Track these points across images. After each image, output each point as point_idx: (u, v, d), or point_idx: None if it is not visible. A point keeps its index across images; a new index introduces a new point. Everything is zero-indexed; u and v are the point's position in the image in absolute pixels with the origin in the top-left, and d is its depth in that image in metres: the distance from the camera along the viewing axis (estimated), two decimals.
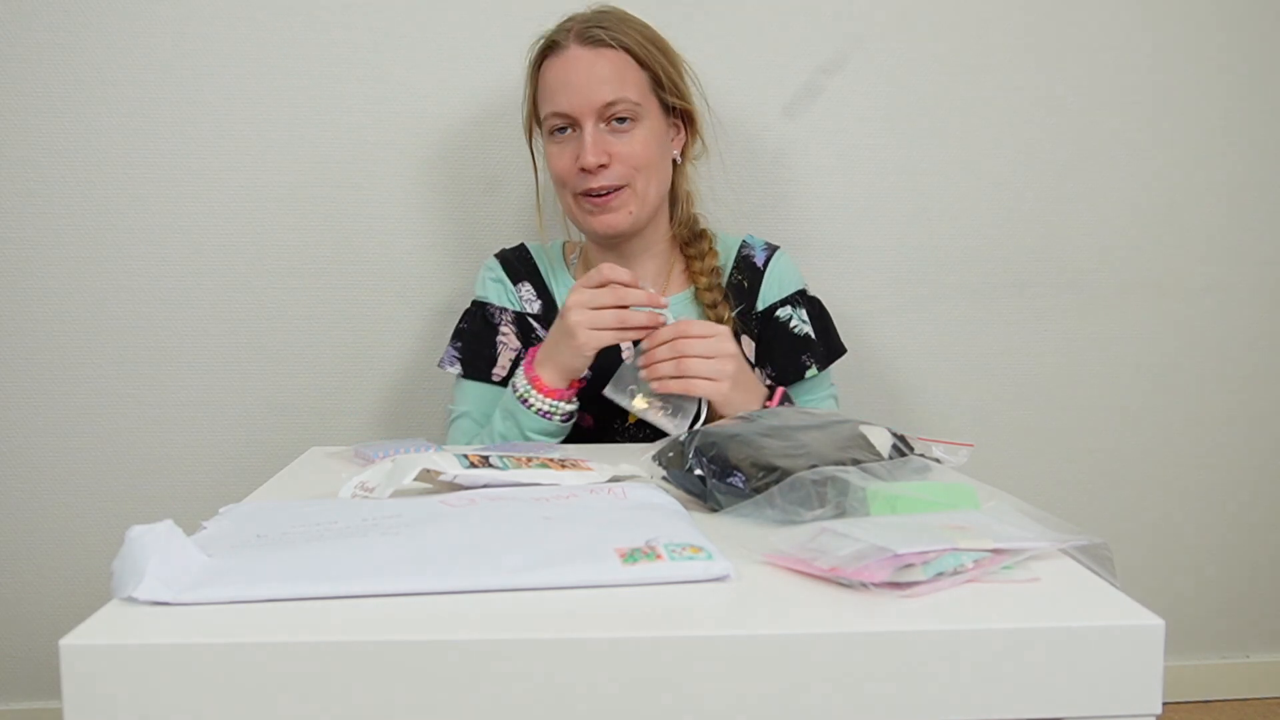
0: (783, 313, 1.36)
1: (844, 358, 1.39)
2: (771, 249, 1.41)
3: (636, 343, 1.22)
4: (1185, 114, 1.70)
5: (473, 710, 0.58)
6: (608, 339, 1.15)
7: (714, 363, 1.11)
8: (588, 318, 1.14)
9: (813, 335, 1.36)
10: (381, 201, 1.63)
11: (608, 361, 1.24)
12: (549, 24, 1.33)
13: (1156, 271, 1.73)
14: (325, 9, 1.59)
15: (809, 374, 1.35)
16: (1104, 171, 1.70)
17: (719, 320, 1.32)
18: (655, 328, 1.15)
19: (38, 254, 1.60)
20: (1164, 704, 0.61)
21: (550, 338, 1.20)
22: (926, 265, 1.70)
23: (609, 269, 1.15)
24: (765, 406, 1.15)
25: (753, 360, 1.37)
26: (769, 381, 1.35)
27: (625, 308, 1.15)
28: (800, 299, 1.39)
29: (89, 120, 1.58)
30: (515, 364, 1.34)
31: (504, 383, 1.34)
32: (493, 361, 1.35)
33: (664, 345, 1.13)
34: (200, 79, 1.58)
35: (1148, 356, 1.75)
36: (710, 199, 1.62)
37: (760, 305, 1.37)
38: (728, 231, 1.47)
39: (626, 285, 1.15)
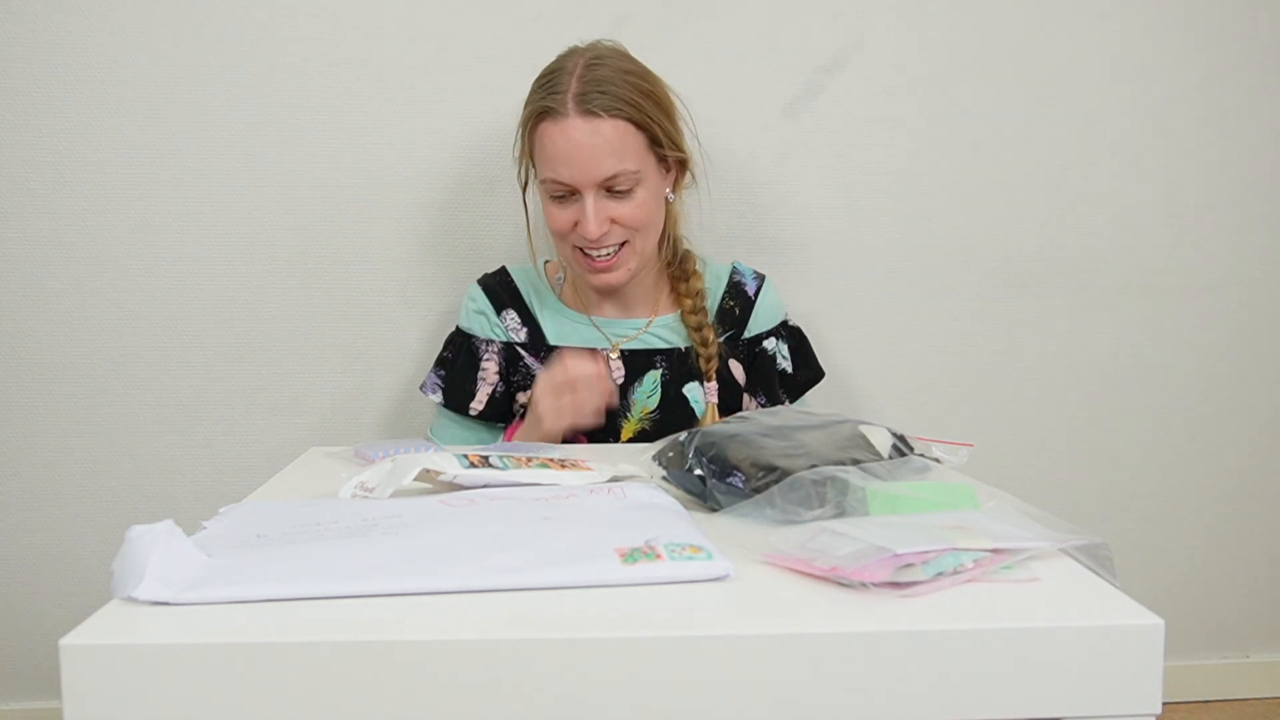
0: (769, 344, 1.42)
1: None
2: (760, 278, 1.45)
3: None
4: (1185, 114, 1.70)
5: (472, 710, 0.58)
6: (568, 422, 1.25)
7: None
8: (553, 407, 1.24)
9: (789, 370, 1.43)
10: (382, 202, 1.62)
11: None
12: (546, 38, 1.32)
13: (1156, 271, 1.73)
14: (327, 12, 1.59)
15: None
16: (1104, 171, 1.70)
17: (704, 343, 1.36)
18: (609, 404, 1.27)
19: (37, 254, 1.60)
20: (1164, 704, 0.61)
21: (526, 422, 1.31)
22: (926, 265, 1.70)
23: (572, 364, 1.23)
24: None
25: (743, 384, 1.40)
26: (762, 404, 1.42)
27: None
28: (783, 330, 1.44)
29: (89, 120, 1.58)
30: (491, 399, 1.38)
31: (480, 417, 1.38)
32: (471, 396, 1.37)
33: None
34: (202, 80, 1.58)
35: (1147, 356, 1.75)
36: (709, 201, 1.62)
37: (749, 333, 1.41)
38: (714, 258, 1.49)
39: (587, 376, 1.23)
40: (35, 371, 1.62)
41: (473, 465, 0.88)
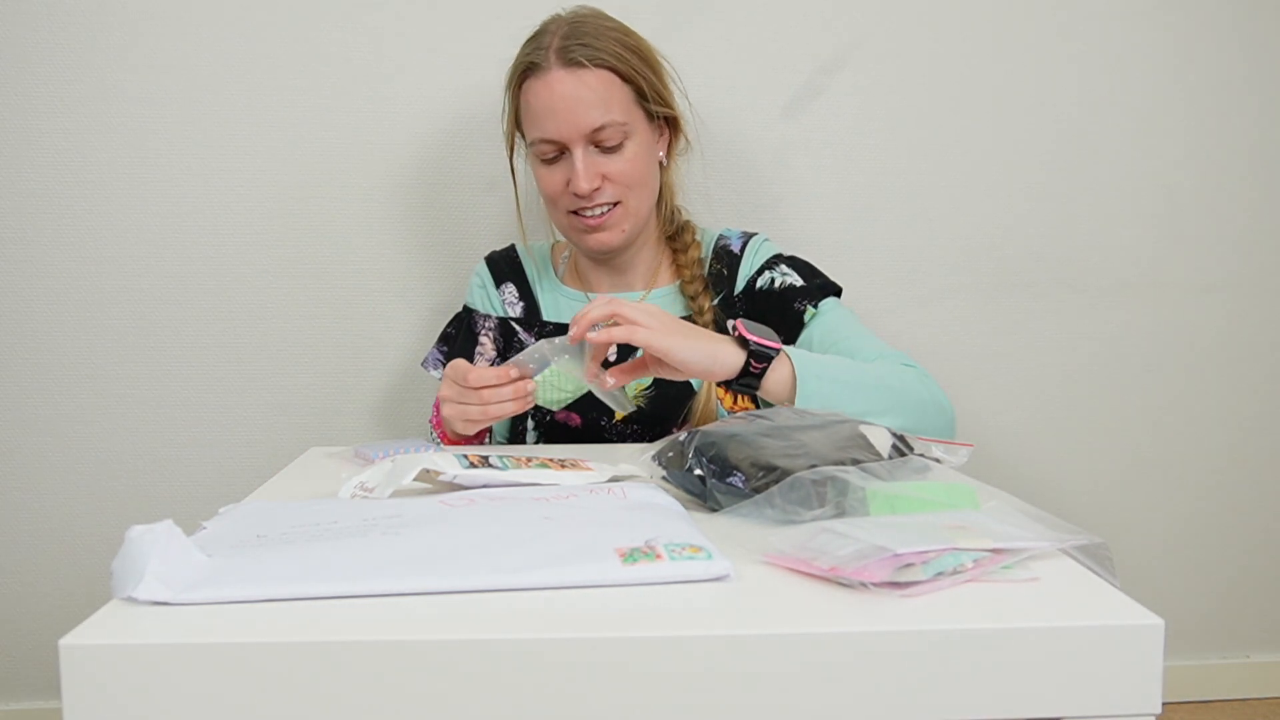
0: (762, 280, 1.34)
1: None
2: (748, 235, 1.40)
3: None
4: (1185, 113, 1.70)
5: (473, 710, 0.58)
6: (478, 427, 1.14)
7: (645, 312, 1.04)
8: (458, 411, 1.13)
9: (798, 283, 1.33)
10: (380, 201, 1.63)
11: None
12: (534, 26, 1.31)
13: (1157, 271, 1.73)
14: (322, 11, 1.59)
15: (807, 316, 1.30)
16: (1104, 171, 1.70)
17: (699, 311, 1.33)
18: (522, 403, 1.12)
19: (37, 254, 1.60)
20: (1164, 704, 0.61)
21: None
22: (926, 265, 1.70)
23: (474, 376, 1.10)
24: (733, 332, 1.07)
25: None
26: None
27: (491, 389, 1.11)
28: (777, 261, 1.36)
29: (89, 120, 1.58)
30: None
31: None
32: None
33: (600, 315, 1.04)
34: (200, 80, 1.58)
35: (1147, 356, 1.75)
36: (709, 200, 1.62)
37: (739, 286, 1.36)
38: (708, 226, 1.46)
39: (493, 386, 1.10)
40: (35, 371, 1.62)
41: (473, 465, 0.88)
